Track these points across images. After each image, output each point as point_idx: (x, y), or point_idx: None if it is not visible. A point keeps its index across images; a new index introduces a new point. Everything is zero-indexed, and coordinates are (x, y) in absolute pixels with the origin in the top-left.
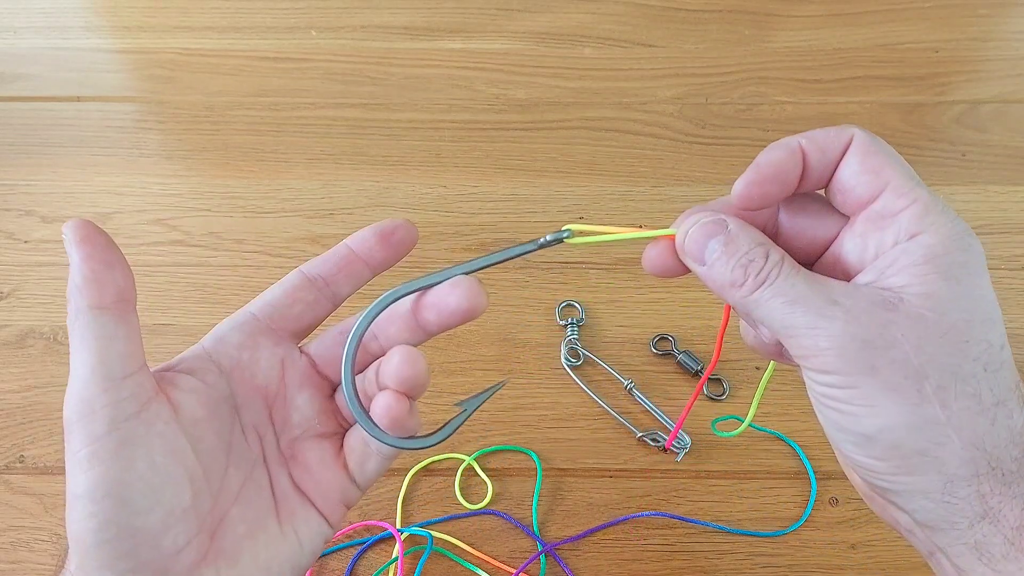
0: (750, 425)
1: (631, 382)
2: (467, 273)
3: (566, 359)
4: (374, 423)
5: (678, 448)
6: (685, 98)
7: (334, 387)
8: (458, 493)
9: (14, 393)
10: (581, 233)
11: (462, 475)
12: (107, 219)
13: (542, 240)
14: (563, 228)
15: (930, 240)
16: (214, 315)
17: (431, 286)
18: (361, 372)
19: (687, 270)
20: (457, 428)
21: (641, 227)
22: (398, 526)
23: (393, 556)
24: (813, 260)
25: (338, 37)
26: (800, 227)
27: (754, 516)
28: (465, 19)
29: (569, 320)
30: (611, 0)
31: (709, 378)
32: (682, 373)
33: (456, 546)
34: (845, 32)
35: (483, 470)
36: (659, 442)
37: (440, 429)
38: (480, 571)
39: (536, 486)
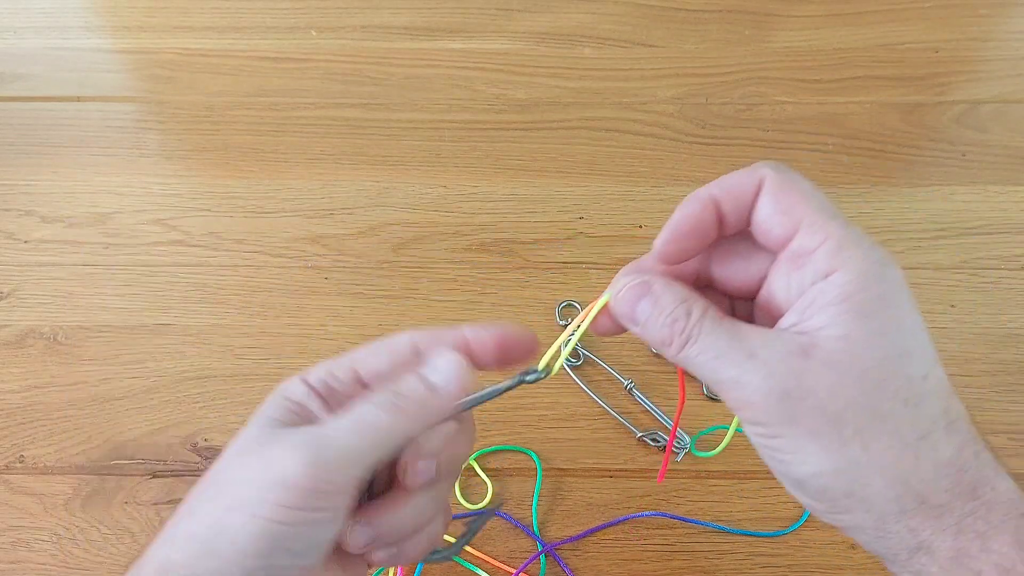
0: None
1: (631, 382)
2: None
3: (566, 359)
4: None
5: (678, 448)
6: (685, 98)
7: None
8: (458, 493)
9: (14, 393)
10: (552, 360)
11: (462, 475)
12: (107, 219)
13: (519, 378)
14: (533, 368)
15: (844, 277)
16: (214, 315)
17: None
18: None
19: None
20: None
21: (606, 294)
22: None
23: None
24: (752, 297)
25: (338, 37)
26: (732, 269)
27: (754, 516)
28: (465, 19)
29: (569, 320)
30: (611, 0)
31: None
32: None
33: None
34: (845, 32)
35: (483, 470)
36: (659, 442)
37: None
38: (480, 571)
39: (536, 486)
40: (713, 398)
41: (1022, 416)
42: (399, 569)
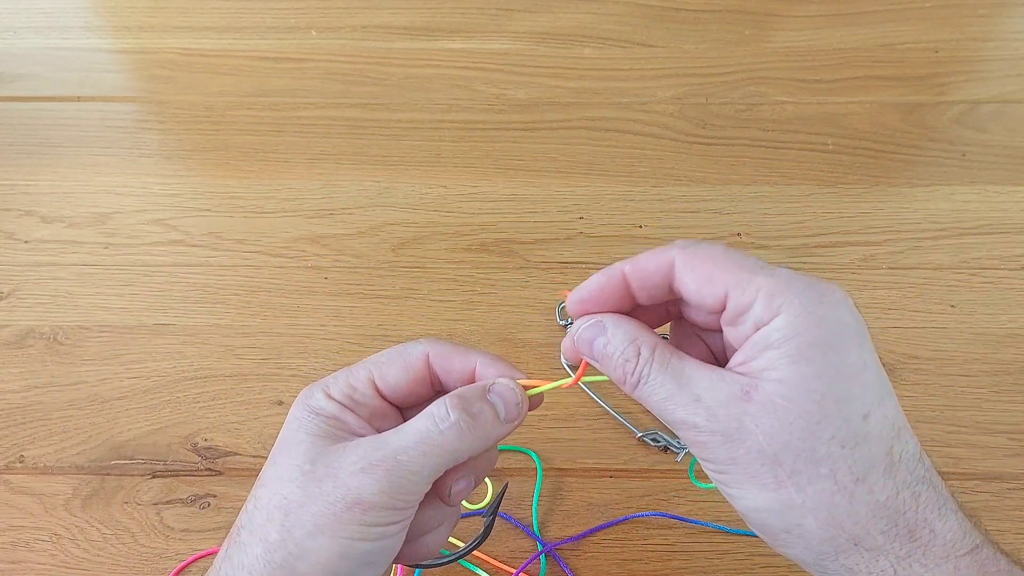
0: None
1: None
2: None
3: (566, 359)
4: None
5: (678, 448)
6: (685, 98)
7: None
8: None
9: (14, 393)
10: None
11: None
12: (107, 219)
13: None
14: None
15: (782, 323)
16: (214, 315)
17: None
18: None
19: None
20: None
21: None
22: None
23: None
24: (720, 311)
25: (338, 37)
26: (692, 312)
27: None
28: (465, 19)
29: (569, 320)
30: (611, 0)
31: None
32: None
33: (456, 546)
34: (845, 32)
35: None
36: (659, 442)
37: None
38: (480, 571)
39: (536, 486)
40: None
41: (1022, 416)
42: (399, 570)
